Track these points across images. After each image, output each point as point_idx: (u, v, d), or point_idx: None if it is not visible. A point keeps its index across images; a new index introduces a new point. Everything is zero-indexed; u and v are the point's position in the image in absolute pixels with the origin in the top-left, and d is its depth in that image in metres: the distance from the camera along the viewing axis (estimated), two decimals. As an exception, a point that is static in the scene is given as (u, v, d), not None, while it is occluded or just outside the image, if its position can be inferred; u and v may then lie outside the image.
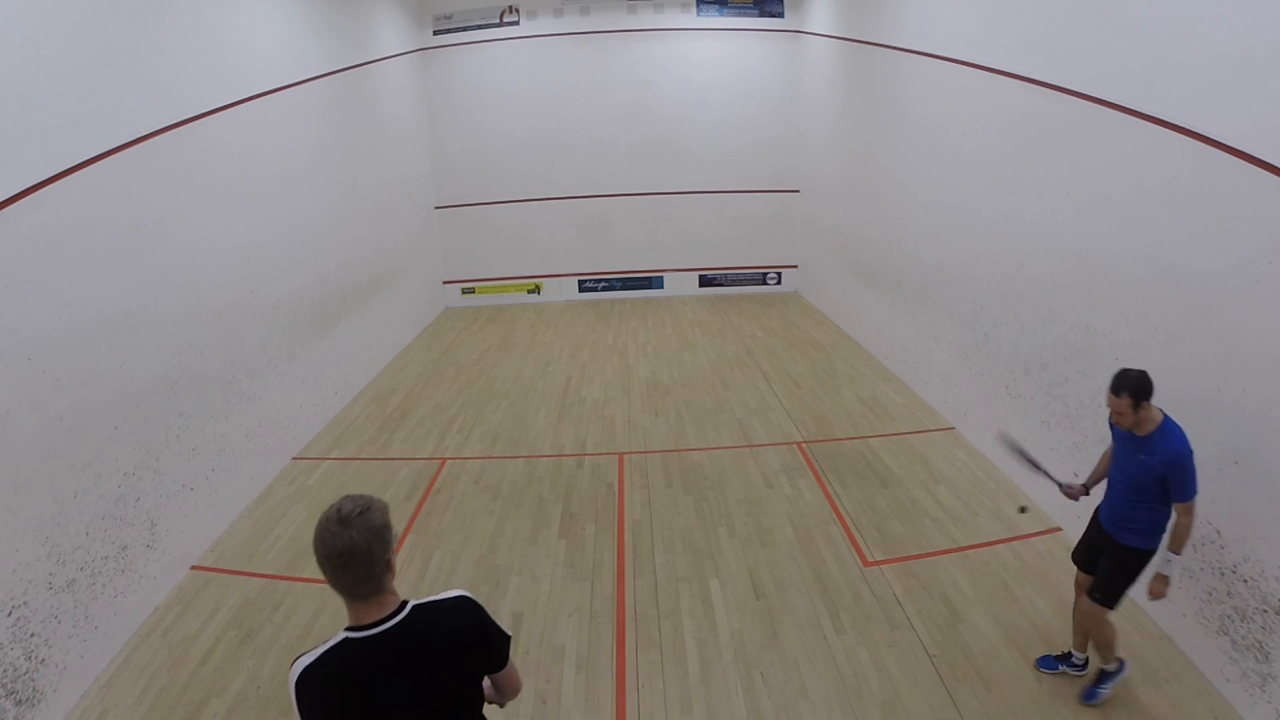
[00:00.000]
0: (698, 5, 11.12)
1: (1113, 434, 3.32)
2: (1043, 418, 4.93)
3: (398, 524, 5.10)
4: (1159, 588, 3.16)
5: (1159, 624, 3.79)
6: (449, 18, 11.09)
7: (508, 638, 1.84)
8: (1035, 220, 4.93)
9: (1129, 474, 3.21)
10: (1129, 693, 3.38)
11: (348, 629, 1.65)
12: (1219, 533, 3.41)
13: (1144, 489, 3.15)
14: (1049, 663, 3.65)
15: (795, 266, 11.98)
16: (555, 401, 7.50)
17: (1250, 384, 3.20)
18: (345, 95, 8.05)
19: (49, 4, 3.82)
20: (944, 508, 5.09)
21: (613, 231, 11.93)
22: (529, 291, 12.15)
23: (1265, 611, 3.14)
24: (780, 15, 11.17)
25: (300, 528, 5.17)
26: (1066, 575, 4.25)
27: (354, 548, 1.57)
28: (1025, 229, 5.07)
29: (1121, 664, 3.46)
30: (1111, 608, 3.31)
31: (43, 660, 3.45)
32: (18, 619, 3.36)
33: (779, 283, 12.14)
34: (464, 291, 12.11)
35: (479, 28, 11.14)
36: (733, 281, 12.04)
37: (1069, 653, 3.60)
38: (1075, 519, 4.58)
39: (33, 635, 3.43)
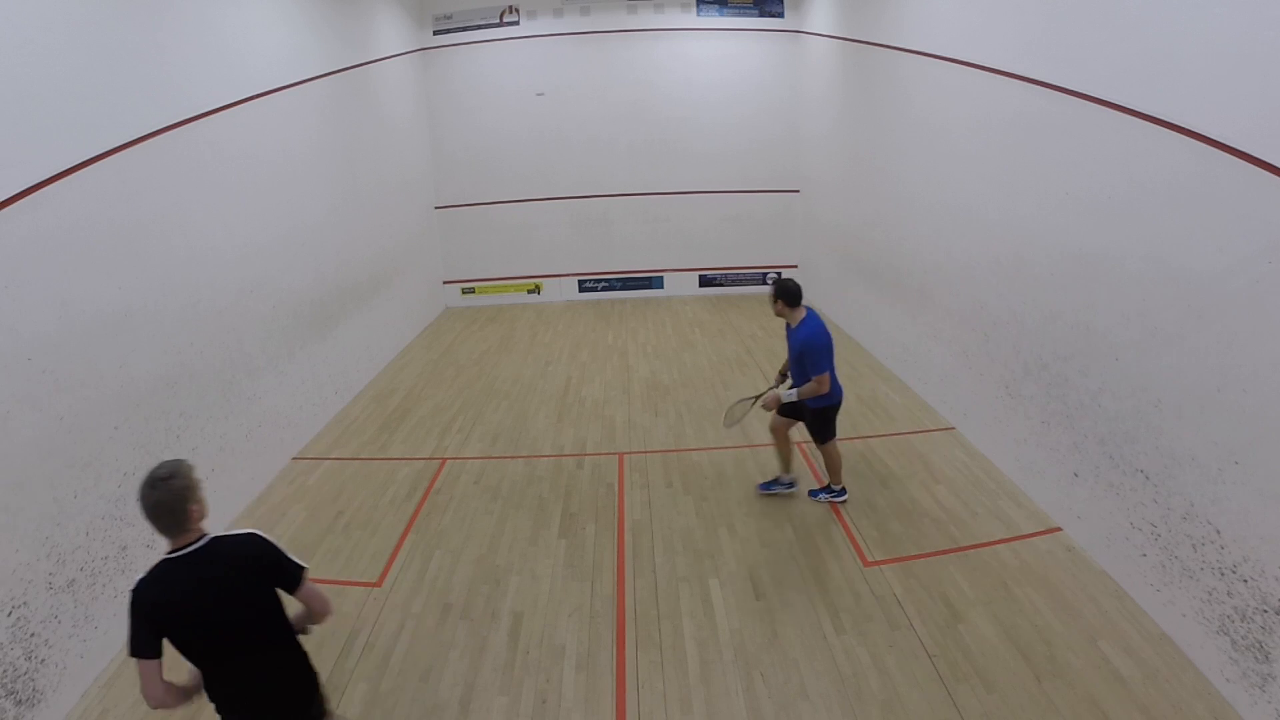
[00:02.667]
0: (698, 5, 11.12)
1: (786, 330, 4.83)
2: (1043, 418, 4.93)
3: (398, 523, 5.14)
4: (770, 401, 4.83)
5: (1159, 624, 3.79)
6: (449, 18, 11.09)
7: (300, 565, 2.37)
8: (1035, 220, 4.93)
9: (791, 356, 4.80)
10: (1129, 692, 3.38)
11: (165, 554, 2.23)
12: (1219, 533, 3.41)
13: (799, 364, 4.69)
14: (767, 485, 5.25)
15: (795, 267, 11.97)
16: (555, 401, 7.50)
17: (1250, 384, 3.20)
18: (345, 95, 8.05)
19: (49, 4, 3.82)
20: (944, 508, 5.09)
21: (613, 231, 11.93)
22: (529, 291, 12.15)
23: (1265, 611, 3.14)
24: (780, 15, 11.17)
25: (300, 528, 5.17)
26: (1067, 575, 4.26)
27: (160, 504, 2.15)
28: (1025, 229, 5.07)
29: (844, 490, 5.14)
30: (824, 444, 4.98)
31: (43, 660, 3.45)
32: (18, 619, 3.36)
33: (779, 283, 12.13)
34: (464, 291, 12.11)
35: (479, 28, 11.14)
36: (733, 281, 12.04)
37: (777, 477, 5.23)
38: (1075, 519, 4.59)
39: (33, 635, 3.43)
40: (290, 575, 2.33)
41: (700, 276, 12.06)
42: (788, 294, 4.70)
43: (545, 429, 6.81)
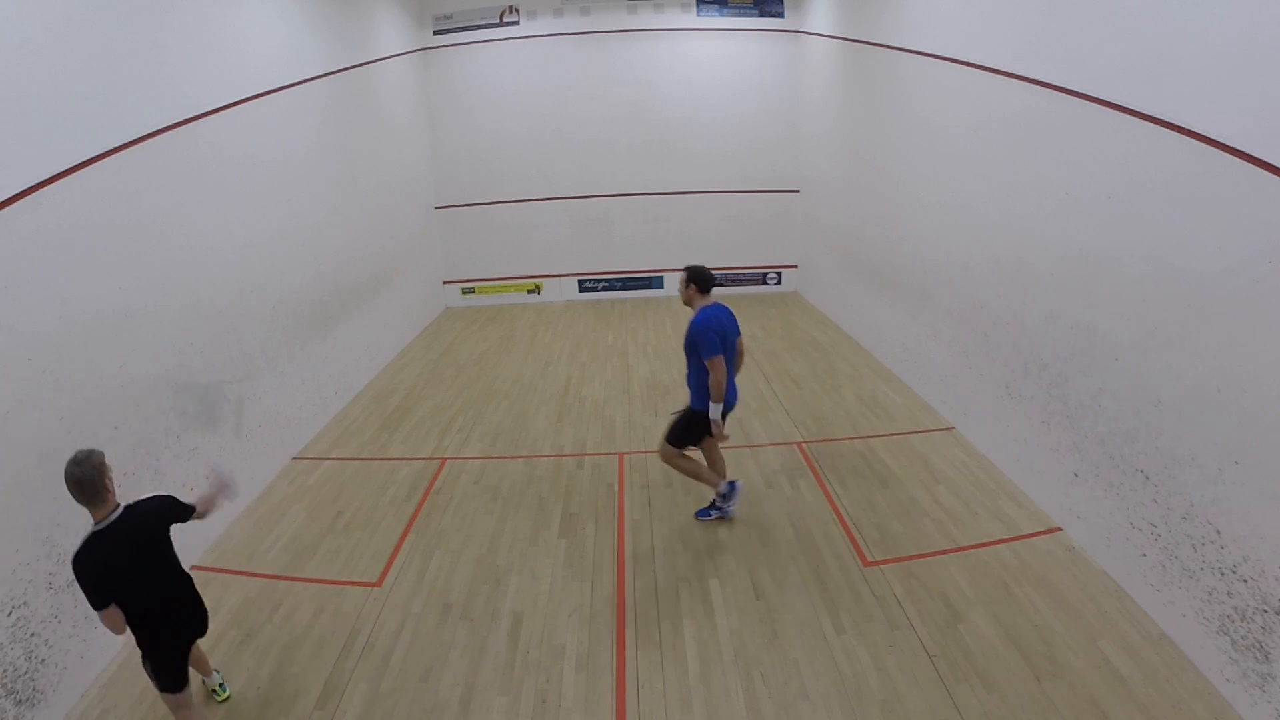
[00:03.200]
0: (698, 5, 11.12)
1: None
2: (1043, 418, 4.93)
3: (398, 523, 5.15)
4: (715, 430, 4.45)
5: (1159, 624, 3.79)
6: (449, 18, 11.09)
7: (189, 505, 3.08)
8: (1035, 220, 4.93)
9: (686, 350, 4.53)
10: (1129, 692, 3.38)
11: (92, 527, 2.75)
12: (1219, 533, 3.41)
13: (691, 355, 4.47)
14: (704, 512, 4.96)
15: (795, 266, 11.98)
16: (555, 401, 7.50)
17: (1250, 384, 3.20)
18: (345, 95, 8.05)
19: (49, 4, 3.82)
20: (944, 508, 5.09)
21: (613, 231, 11.93)
22: (529, 291, 12.15)
23: (1265, 611, 3.14)
24: (780, 15, 11.17)
25: (300, 528, 5.17)
26: (1067, 575, 4.26)
27: (83, 479, 2.68)
28: (1025, 228, 5.07)
29: (732, 485, 4.82)
30: (671, 444, 4.67)
31: (43, 660, 3.46)
32: (18, 619, 3.36)
33: (779, 283, 12.15)
34: (464, 291, 12.11)
35: (479, 28, 11.14)
36: (733, 281, 12.03)
37: (713, 501, 4.91)
38: (1075, 519, 4.59)
39: (33, 635, 3.43)
40: (182, 507, 3.03)
41: (700, 276, 12.04)
42: (700, 279, 4.49)
43: (545, 429, 6.81)
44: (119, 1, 4.40)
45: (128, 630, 2.84)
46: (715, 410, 4.37)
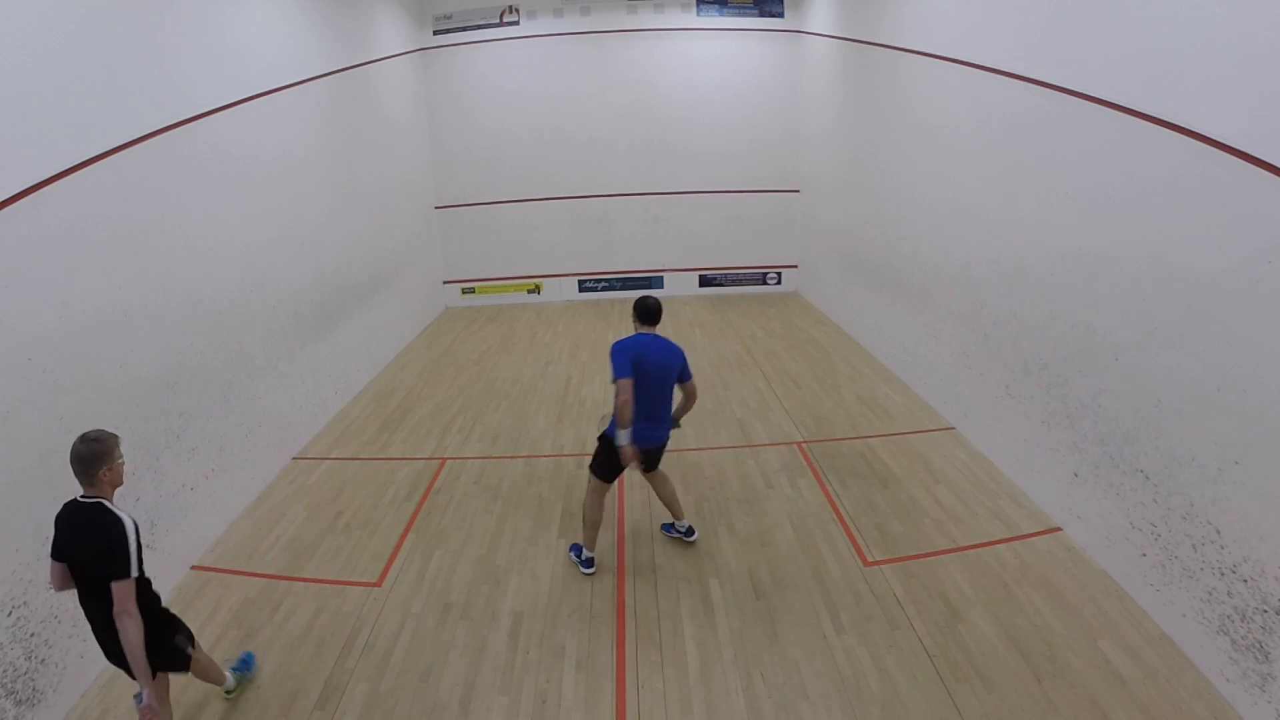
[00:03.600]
0: (698, 5, 11.12)
1: None
2: (1043, 418, 4.93)
3: (398, 524, 5.14)
4: (622, 456, 4.22)
5: (1159, 624, 3.79)
6: (449, 18, 11.09)
7: (127, 572, 2.82)
8: (1035, 220, 4.93)
9: None
10: (1129, 692, 3.38)
11: (77, 496, 2.85)
12: (1219, 533, 3.41)
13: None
14: (668, 528, 4.88)
15: (795, 266, 11.98)
16: (555, 401, 7.50)
17: (1250, 384, 3.20)
18: (345, 95, 8.05)
19: (49, 4, 3.82)
20: (944, 508, 5.09)
21: (613, 231, 11.93)
22: (529, 291, 12.15)
23: (1265, 611, 3.14)
24: (780, 15, 11.17)
25: (300, 528, 5.17)
26: (1067, 575, 4.27)
27: (79, 454, 2.78)
28: (1025, 228, 5.07)
29: (690, 529, 4.80)
30: (591, 471, 4.52)
31: (43, 660, 3.46)
32: (18, 619, 3.36)
33: (779, 283, 12.14)
34: (464, 291, 12.11)
35: (479, 28, 11.14)
36: (733, 281, 12.04)
37: (671, 523, 4.84)
38: (1075, 519, 4.59)
39: (33, 635, 3.43)
40: (122, 568, 2.76)
41: (700, 276, 12.06)
42: (639, 309, 4.38)
43: (545, 429, 6.81)
44: (119, 1, 4.39)
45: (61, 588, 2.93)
46: (623, 436, 4.14)
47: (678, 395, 4.52)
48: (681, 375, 4.43)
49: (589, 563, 4.54)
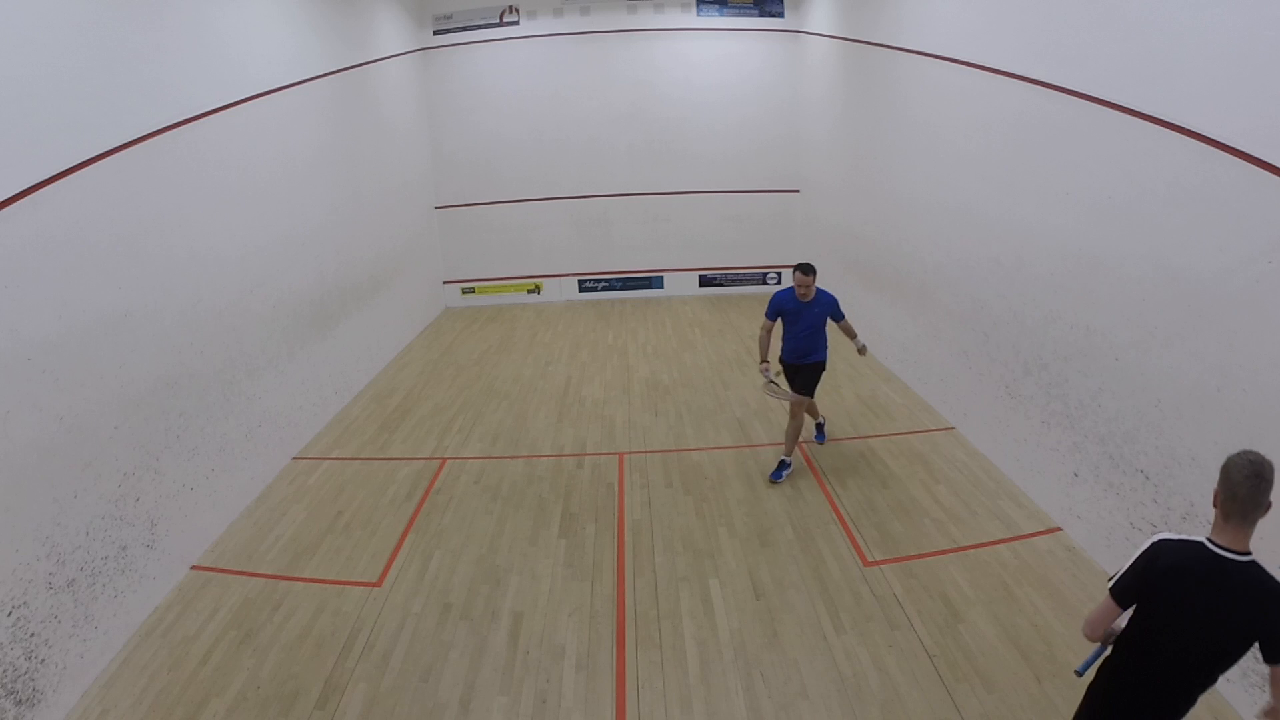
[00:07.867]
0: (698, 5, 11.12)
1: (784, 312, 5.53)
2: (1043, 418, 4.93)
3: (398, 523, 5.15)
4: (862, 350, 5.63)
5: (1159, 624, 3.79)
6: (449, 18, 11.09)
7: None
8: (1035, 220, 4.93)
9: (807, 324, 5.47)
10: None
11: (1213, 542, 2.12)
12: (1219, 533, 3.40)
13: (818, 328, 5.49)
14: (778, 474, 5.53)
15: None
16: (555, 401, 7.50)
17: (1250, 384, 3.20)
18: (345, 95, 8.05)
19: (49, 4, 3.82)
20: (944, 508, 5.09)
21: (613, 231, 11.93)
22: (529, 291, 12.14)
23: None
24: (780, 15, 11.17)
25: (300, 528, 5.17)
26: (1067, 575, 4.26)
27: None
28: (1025, 229, 5.07)
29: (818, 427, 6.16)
30: (811, 396, 5.66)
31: (43, 660, 3.45)
32: (18, 619, 3.36)
33: (779, 283, 12.12)
34: (464, 291, 12.10)
35: (479, 28, 11.13)
36: (733, 281, 12.04)
37: (784, 460, 5.58)
38: (1075, 519, 4.59)
39: (33, 635, 3.43)
40: None
41: (700, 276, 12.06)
42: (815, 270, 5.49)
43: (545, 429, 6.81)
44: (119, 2, 4.39)
45: None
46: (860, 339, 5.65)
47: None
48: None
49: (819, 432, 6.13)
